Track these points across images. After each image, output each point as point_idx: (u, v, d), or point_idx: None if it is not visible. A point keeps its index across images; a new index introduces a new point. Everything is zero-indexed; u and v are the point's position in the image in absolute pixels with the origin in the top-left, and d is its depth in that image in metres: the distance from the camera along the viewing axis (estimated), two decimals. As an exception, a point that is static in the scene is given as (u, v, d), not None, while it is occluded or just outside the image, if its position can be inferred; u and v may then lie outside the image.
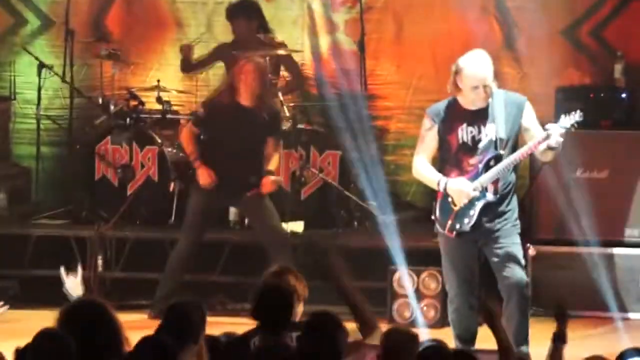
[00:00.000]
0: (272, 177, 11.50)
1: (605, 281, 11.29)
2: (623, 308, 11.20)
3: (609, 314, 10.99)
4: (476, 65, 9.27)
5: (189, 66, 12.84)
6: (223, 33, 12.93)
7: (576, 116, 9.40)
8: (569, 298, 10.61)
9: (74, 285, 8.80)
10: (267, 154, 11.57)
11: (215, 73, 12.87)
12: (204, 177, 11.28)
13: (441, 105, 9.57)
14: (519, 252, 9.45)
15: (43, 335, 6.09)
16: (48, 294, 8.73)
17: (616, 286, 11.33)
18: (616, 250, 11.44)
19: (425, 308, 10.98)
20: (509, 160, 9.33)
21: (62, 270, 9.43)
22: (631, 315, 11.22)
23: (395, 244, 11.11)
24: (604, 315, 10.99)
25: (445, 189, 9.36)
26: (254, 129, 11.61)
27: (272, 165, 11.56)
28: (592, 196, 11.31)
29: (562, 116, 9.50)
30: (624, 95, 11.92)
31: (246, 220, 12.19)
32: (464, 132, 9.42)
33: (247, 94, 11.54)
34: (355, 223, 12.28)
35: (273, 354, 6.43)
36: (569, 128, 9.37)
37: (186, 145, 11.58)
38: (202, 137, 11.66)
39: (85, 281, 9.79)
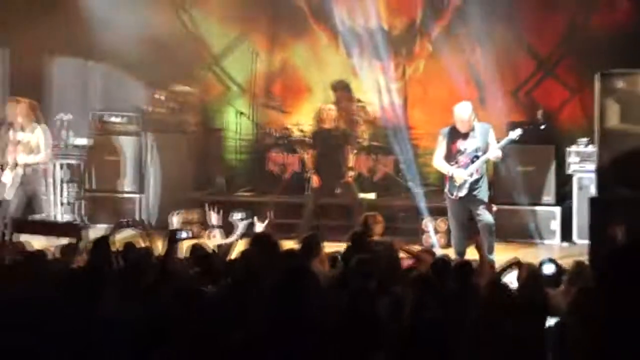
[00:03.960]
0: (350, 173, 12.04)
1: (532, 224, 12.12)
2: (542, 237, 12.09)
3: (533, 240, 12.01)
4: (458, 112, 10.16)
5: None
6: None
7: (518, 132, 10.26)
8: (513, 230, 11.77)
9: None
10: (347, 157, 12.05)
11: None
12: (315, 181, 11.92)
13: (447, 129, 10.25)
14: (488, 207, 10.29)
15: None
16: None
17: (538, 226, 12.13)
18: (538, 208, 12.23)
19: (439, 238, 11.67)
20: (483, 159, 10.12)
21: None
22: (546, 241, 12.02)
23: (422, 204, 11.92)
24: (532, 241, 11.93)
25: (452, 175, 10.15)
26: (337, 143, 12.03)
27: (350, 163, 12.08)
28: (525, 179, 12.14)
29: (511, 132, 10.35)
30: (542, 127, 12.45)
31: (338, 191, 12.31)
32: (459, 144, 10.14)
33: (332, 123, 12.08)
34: (402, 194, 12.73)
35: (361, 262, 6.57)
36: (515, 139, 10.31)
37: (308, 163, 12.20)
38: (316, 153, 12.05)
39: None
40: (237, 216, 8.75)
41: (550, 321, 5.22)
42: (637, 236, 7.68)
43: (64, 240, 8.49)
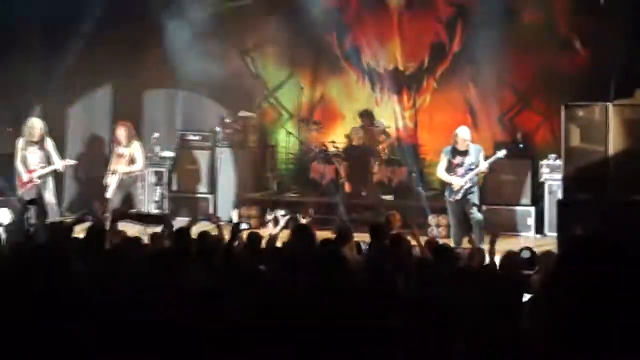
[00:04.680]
0: (374, 178, 12.41)
1: (513, 220, 11.93)
2: (520, 230, 11.86)
3: (514, 233, 11.75)
4: (460, 134, 10.25)
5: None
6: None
7: (503, 152, 10.45)
8: (498, 225, 10.99)
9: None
10: (371, 167, 12.40)
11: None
12: (346, 186, 12.33)
13: (448, 147, 10.35)
14: (478, 208, 10.39)
15: None
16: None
17: (518, 222, 11.89)
18: (517, 208, 11.99)
19: (441, 231, 11.48)
20: (476, 171, 10.20)
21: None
22: (523, 234, 11.81)
23: (428, 204, 11.75)
24: (513, 234, 11.65)
25: (451, 182, 10.23)
26: (363, 156, 12.44)
27: (374, 171, 12.42)
28: (508, 186, 12.03)
29: (499, 151, 10.47)
30: (520, 146, 12.23)
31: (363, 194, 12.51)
32: (458, 159, 10.23)
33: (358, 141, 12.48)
34: (413, 196, 12.21)
35: (379, 250, 6.84)
36: (502, 157, 10.46)
37: (341, 172, 12.43)
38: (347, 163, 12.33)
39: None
40: (280, 212, 8.93)
41: (527, 296, 5.12)
42: (592, 230, 7.86)
43: (150, 230, 8.54)
